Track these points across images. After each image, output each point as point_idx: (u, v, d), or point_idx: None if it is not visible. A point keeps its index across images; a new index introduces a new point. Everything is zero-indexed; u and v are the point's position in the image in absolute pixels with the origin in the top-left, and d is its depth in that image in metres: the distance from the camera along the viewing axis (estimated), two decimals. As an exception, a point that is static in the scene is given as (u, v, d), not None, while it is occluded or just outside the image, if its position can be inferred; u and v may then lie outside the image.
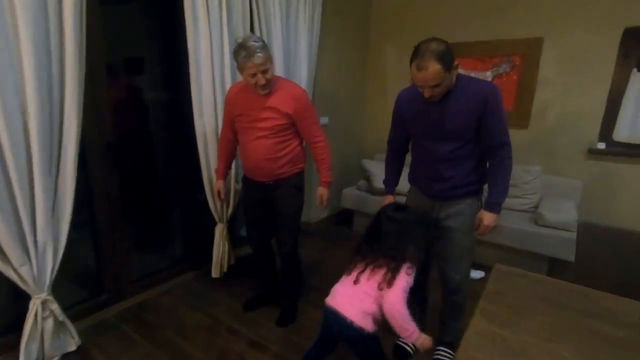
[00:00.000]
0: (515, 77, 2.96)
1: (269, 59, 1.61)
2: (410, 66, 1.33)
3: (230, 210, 2.31)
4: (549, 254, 2.38)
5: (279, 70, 2.51)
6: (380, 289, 1.25)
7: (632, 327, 0.96)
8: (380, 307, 1.25)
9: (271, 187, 1.85)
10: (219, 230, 2.30)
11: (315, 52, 2.82)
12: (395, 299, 1.20)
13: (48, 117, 1.46)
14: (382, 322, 1.28)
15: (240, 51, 1.57)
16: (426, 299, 1.84)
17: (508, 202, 2.71)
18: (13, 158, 1.37)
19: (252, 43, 1.56)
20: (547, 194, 2.78)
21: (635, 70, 2.57)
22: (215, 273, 2.33)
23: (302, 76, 2.73)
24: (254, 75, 1.59)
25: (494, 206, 1.45)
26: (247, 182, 1.93)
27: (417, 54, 1.29)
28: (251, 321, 2.00)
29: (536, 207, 2.69)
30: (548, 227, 2.41)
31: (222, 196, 2.03)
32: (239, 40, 1.61)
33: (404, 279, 1.23)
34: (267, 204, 1.90)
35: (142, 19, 2.22)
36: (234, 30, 2.16)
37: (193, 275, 2.44)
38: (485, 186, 1.54)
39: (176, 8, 1.99)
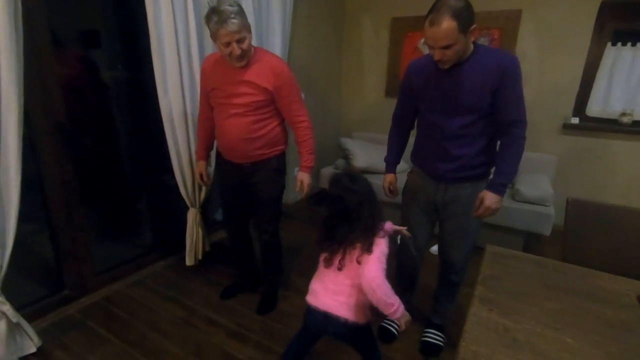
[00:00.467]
0: (486, 45, 2.91)
1: (245, 26, 1.44)
2: (424, 22, 1.20)
3: (203, 195, 2.16)
4: (526, 229, 2.42)
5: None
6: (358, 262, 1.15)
7: (632, 309, 0.95)
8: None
9: (249, 169, 1.71)
10: (192, 216, 2.15)
11: (289, 23, 2.63)
12: (372, 273, 1.09)
13: None
14: (373, 307, 1.20)
15: (213, 16, 1.39)
16: (415, 281, 1.81)
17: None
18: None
19: (226, 7, 1.38)
20: (523, 169, 2.79)
21: (609, 44, 2.57)
22: (189, 261, 2.19)
23: (276, 49, 2.55)
24: (228, 44, 1.42)
25: (499, 187, 1.33)
26: (223, 163, 1.78)
27: (433, 7, 1.18)
28: (230, 310, 1.90)
29: (512, 183, 2.72)
30: (525, 202, 2.44)
31: (205, 179, 1.88)
32: (212, 4, 1.42)
33: (377, 249, 1.14)
34: (244, 187, 1.77)
35: None
36: (201, 4, 1.94)
37: (165, 264, 2.30)
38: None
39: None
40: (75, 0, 1.86)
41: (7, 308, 1.42)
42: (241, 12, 1.42)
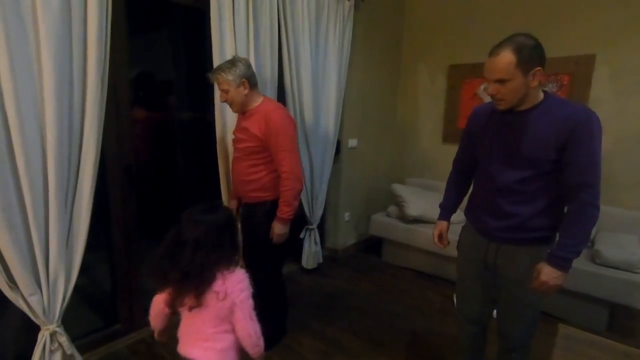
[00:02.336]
0: (563, 97, 2.71)
1: (228, 80, 1.62)
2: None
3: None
4: (611, 299, 2.07)
5: (306, 89, 2.42)
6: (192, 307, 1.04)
7: None
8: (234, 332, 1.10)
9: (246, 209, 1.84)
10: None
11: (345, 72, 2.72)
12: (247, 323, 1.06)
13: (67, 144, 1.41)
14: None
15: None
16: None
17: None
18: (29, 184, 1.32)
19: (222, 64, 1.66)
20: (602, 227, 2.46)
21: None
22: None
23: (331, 95, 2.63)
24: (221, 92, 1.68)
25: (560, 261, 1.13)
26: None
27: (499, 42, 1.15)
28: None
29: (592, 242, 2.39)
30: (608, 266, 2.11)
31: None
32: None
33: (244, 291, 1.07)
34: (243, 227, 1.84)
35: (169, 44, 2.22)
36: (261, 51, 2.09)
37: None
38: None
39: (203, 33, 1.95)
40: (152, 56, 2.10)
41: (64, 340, 1.49)
42: (232, 68, 1.62)
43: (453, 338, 1.95)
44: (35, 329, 1.46)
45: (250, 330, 1.08)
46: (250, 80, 1.67)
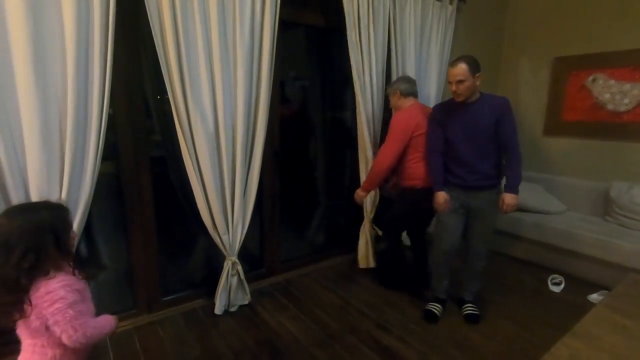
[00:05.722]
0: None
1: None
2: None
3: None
4: None
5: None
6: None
7: None
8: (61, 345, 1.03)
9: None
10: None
11: (445, 71, 2.99)
12: (66, 332, 0.98)
13: (246, 126, 2.03)
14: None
15: None
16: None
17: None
18: (225, 156, 1.98)
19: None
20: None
21: None
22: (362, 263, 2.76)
23: (432, 90, 2.94)
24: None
25: (514, 188, 1.90)
26: None
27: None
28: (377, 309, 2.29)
29: None
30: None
31: None
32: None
33: (59, 293, 0.98)
34: None
35: (307, 47, 2.83)
36: (379, 56, 2.53)
37: (334, 262, 2.89)
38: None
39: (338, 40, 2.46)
40: (298, 61, 2.71)
41: (239, 268, 2.17)
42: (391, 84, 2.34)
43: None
44: (218, 260, 2.15)
45: (76, 343, 1.01)
46: (402, 91, 2.29)
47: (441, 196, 2.01)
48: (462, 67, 1.81)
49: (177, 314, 2.19)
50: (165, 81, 1.76)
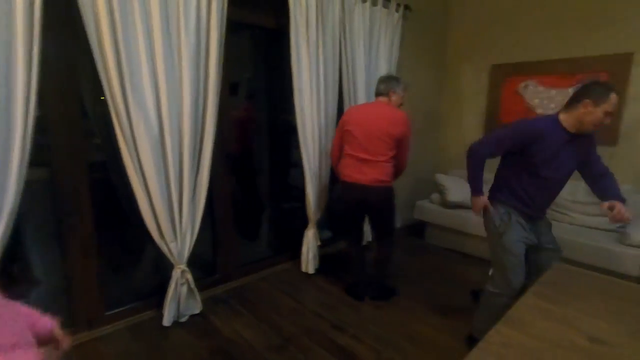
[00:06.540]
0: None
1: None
2: (609, 96, 1.53)
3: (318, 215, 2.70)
4: (635, 274, 2.31)
5: (360, 90, 2.86)
6: None
7: None
8: None
9: None
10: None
11: (394, 70, 3.11)
12: None
13: (194, 128, 1.96)
14: None
15: None
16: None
17: (595, 220, 2.71)
18: (172, 160, 1.90)
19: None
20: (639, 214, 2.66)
21: None
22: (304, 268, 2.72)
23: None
24: None
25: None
26: None
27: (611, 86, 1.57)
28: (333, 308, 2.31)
29: (624, 226, 2.59)
30: (634, 246, 2.34)
31: None
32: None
33: None
34: None
35: (253, 49, 2.78)
36: (328, 61, 2.56)
37: (284, 267, 2.86)
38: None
39: (283, 43, 2.46)
40: (251, 63, 2.67)
41: (189, 277, 2.09)
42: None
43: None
44: (166, 269, 2.06)
45: None
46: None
47: (482, 199, 1.88)
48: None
49: (123, 328, 2.06)
50: (103, 82, 1.65)
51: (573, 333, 0.99)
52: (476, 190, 1.89)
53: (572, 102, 1.63)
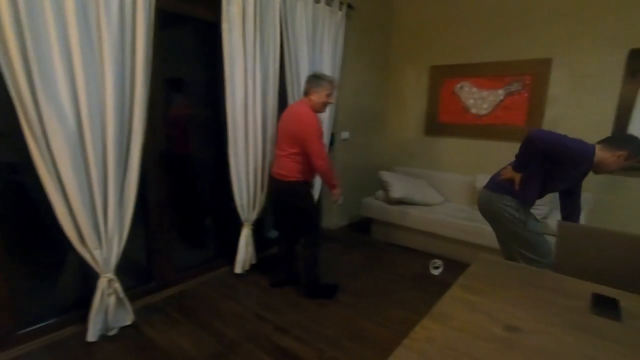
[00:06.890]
0: (526, 95, 3.15)
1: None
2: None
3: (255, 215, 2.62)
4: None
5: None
6: None
7: (582, 300, 1.18)
8: None
9: None
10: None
11: (338, 72, 3.13)
12: None
13: (120, 125, 1.81)
14: None
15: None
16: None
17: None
18: (93, 159, 1.72)
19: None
20: (558, 206, 2.91)
21: (643, 88, 2.71)
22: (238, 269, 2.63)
23: (326, 95, 3.03)
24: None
25: None
26: None
27: None
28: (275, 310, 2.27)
29: (545, 217, 2.83)
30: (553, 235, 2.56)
31: None
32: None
33: None
34: None
35: (186, 44, 2.61)
36: (266, 58, 2.49)
37: (226, 270, 2.75)
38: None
39: (217, 38, 2.34)
40: (174, 60, 2.50)
41: (117, 286, 1.92)
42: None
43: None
44: (92, 278, 1.88)
45: None
46: None
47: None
48: None
49: (40, 347, 1.85)
50: (5, 73, 1.46)
51: (492, 323, 1.03)
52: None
53: (613, 144, 1.82)
